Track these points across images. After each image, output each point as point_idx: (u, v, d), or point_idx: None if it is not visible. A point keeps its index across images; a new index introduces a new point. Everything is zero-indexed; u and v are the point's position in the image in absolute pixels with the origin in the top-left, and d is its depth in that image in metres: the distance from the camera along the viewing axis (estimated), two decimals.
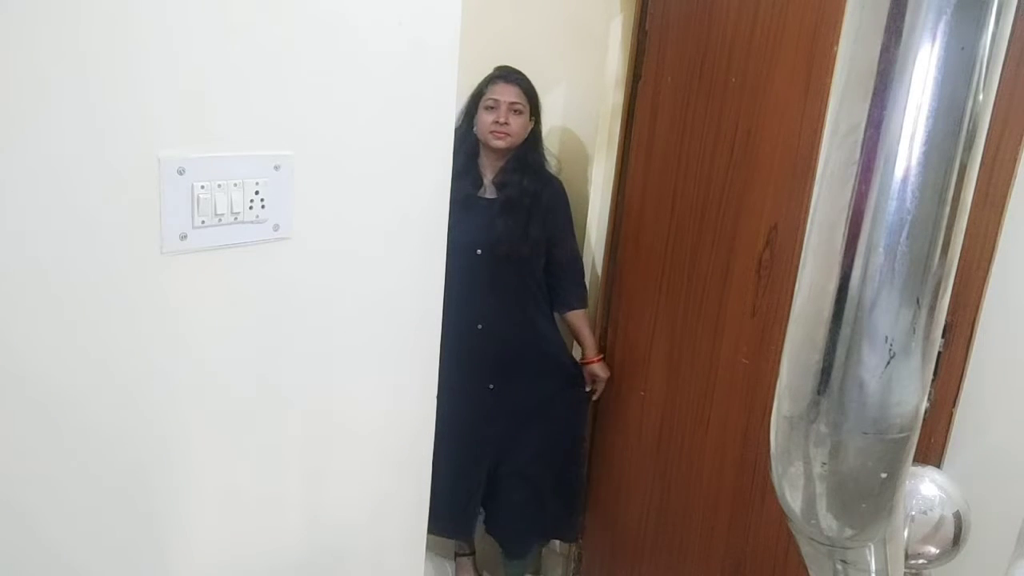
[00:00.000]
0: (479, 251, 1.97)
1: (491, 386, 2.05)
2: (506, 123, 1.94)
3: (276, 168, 0.86)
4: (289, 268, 0.90)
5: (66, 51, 0.69)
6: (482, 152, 2.03)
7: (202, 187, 0.80)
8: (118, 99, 0.73)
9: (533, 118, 2.01)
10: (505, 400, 2.06)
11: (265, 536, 0.98)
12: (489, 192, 2.03)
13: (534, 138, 2.04)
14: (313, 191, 0.90)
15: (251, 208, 0.85)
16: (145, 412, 0.82)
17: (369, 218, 0.97)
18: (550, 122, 2.17)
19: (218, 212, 0.82)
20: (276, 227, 0.87)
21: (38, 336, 0.73)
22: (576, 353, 2.20)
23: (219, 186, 0.82)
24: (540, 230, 2.02)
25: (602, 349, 2.18)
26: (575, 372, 2.15)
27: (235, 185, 0.83)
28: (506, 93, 1.96)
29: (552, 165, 2.12)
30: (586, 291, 2.16)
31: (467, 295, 1.92)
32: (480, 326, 2.01)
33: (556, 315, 2.16)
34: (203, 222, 0.81)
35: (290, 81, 0.85)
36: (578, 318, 2.14)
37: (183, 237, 0.80)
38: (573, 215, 2.13)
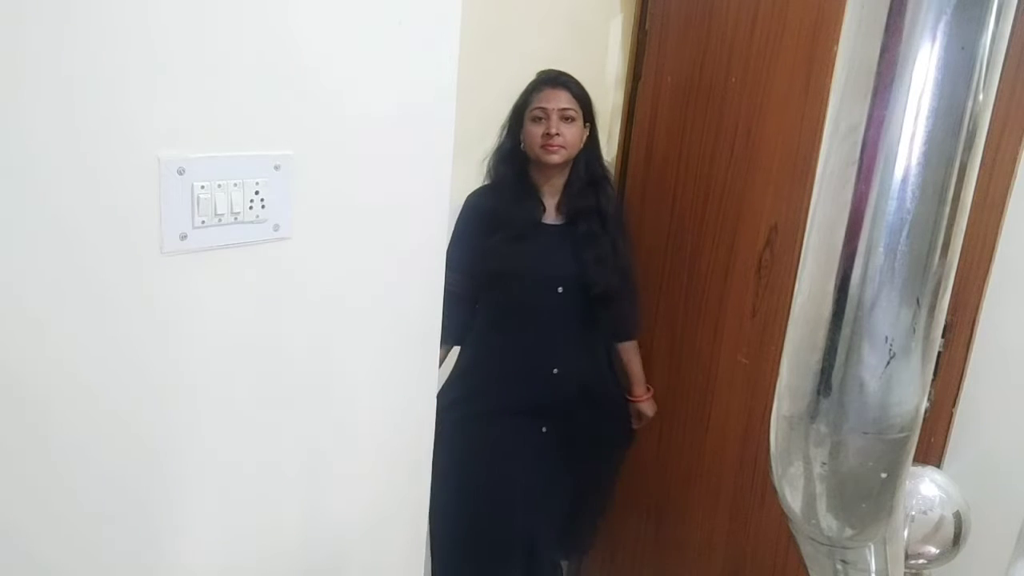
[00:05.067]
0: (560, 289, 1.74)
1: (544, 429, 1.84)
2: (558, 134, 1.67)
3: (276, 168, 0.86)
4: (289, 268, 0.90)
5: (66, 51, 0.69)
6: (533, 171, 1.76)
7: (202, 187, 0.80)
8: (118, 99, 0.73)
9: (588, 124, 1.75)
10: (554, 442, 1.85)
11: (264, 541, 0.98)
12: (552, 217, 1.77)
13: (593, 147, 1.78)
14: (313, 191, 0.90)
15: (251, 208, 0.85)
16: (142, 413, 0.82)
17: (369, 218, 0.97)
18: None
19: (218, 212, 0.82)
20: (276, 227, 0.87)
21: (37, 336, 0.73)
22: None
23: (219, 186, 0.82)
24: (625, 257, 1.81)
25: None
26: (626, 410, 1.97)
27: (235, 185, 0.83)
28: (554, 99, 1.70)
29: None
30: (641, 317, 1.95)
31: (544, 336, 1.78)
32: (556, 370, 1.79)
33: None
34: (203, 222, 0.81)
35: (290, 80, 0.85)
36: (630, 348, 1.93)
37: (183, 237, 0.80)
38: None
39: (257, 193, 0.85)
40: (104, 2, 0.70)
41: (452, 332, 1.59)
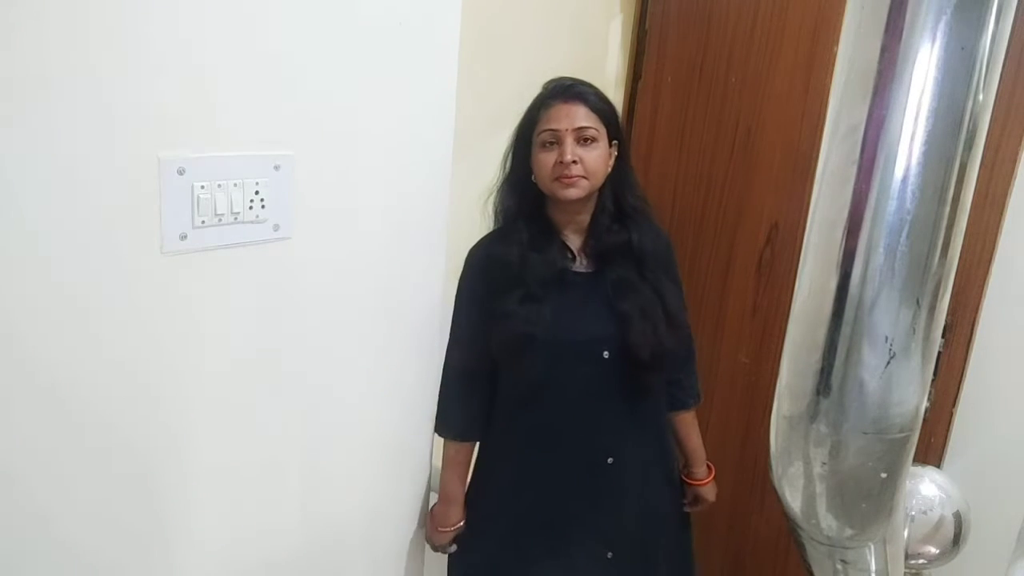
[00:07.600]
0: (607, 354, 1.31)
1: (609, 555, 1.36)
2: (575, 161, 1.24)
3: (276, 168, 0.86)
4: (289, 268, 0.90)
5: (68, 52, 0.69)
6: (551, 207, 1.32)
7: (202, 187, 0.80)
8: (119, 100, 0.73)
9: (615, 142, 1.32)
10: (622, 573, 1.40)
11: (264, 537, 0.98)
12: (580, 264, 1.34)
13: (622, 173, 1.35)
14: (313, 191, 0.90)
15: (251, 208, 0.85)
16: (145, 412, 0.82)
17: (369, 218, 0.97)
18: None
19: (218, 212, 0.82)
20: (276, 227, 0.87)
21: (40, 335, 0.73)
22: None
23: (219, 186, 0.82)
24: (675, 305, 1.36)
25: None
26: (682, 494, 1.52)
27: (235, 185, 0.83)
28: (567, 117, 1.27)
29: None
30: (698, 380, 1.51)
31: (590, 415, 1.35)
32: (611, 460, 1.34)
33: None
34: (203, 222, 0.81)
35: (290, 81, 0.85)
36: (688, 420, 1.48)
37: (183, 237, 0.80)
38: None
39: (257, 193, 0.85)
40: (105, 3, 0.70)
41: (464, 421, 1.24)
